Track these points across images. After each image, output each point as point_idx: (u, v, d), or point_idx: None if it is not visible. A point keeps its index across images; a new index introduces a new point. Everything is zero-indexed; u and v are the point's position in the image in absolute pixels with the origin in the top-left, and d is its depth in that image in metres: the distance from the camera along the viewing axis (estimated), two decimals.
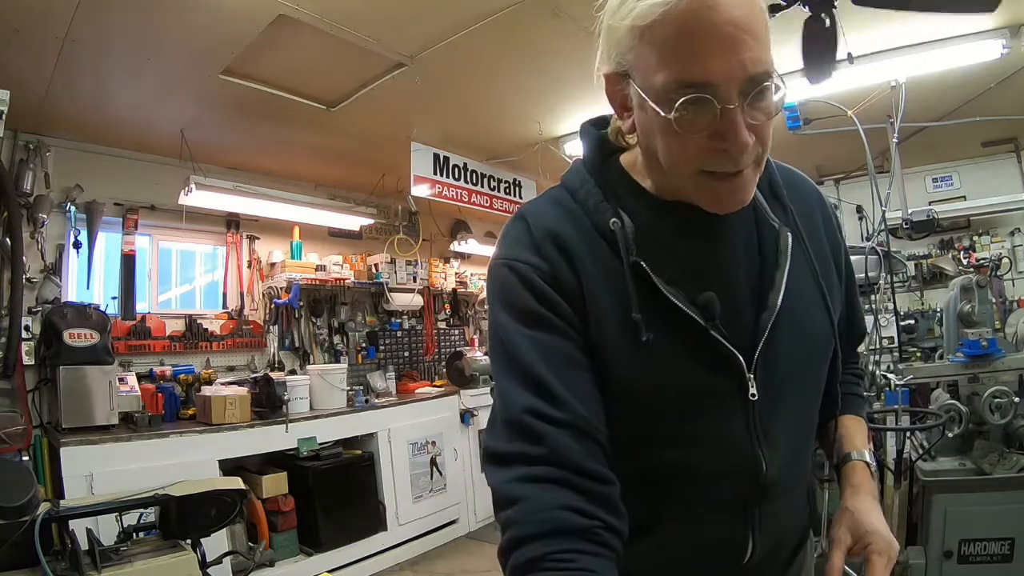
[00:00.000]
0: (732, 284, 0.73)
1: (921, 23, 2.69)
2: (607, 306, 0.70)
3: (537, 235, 0.73)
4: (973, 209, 4.47)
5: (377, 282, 4.56)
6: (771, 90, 0.62)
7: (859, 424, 0.92)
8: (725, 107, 0.60)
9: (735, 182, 0.66)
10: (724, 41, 0.58)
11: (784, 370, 0.74)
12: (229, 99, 3.03)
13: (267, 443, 3.28)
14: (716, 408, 0.72)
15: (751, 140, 0.63)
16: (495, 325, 0.74)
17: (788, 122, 2.86)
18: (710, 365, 0.71)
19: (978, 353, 2.20)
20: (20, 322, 2.84)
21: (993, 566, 1.98)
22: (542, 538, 0.59)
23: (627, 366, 0.69)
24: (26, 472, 1.68)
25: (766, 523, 0.77)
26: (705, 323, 0.69)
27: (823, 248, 0.82)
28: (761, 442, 0.73)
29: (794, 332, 0.75)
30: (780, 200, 0.79)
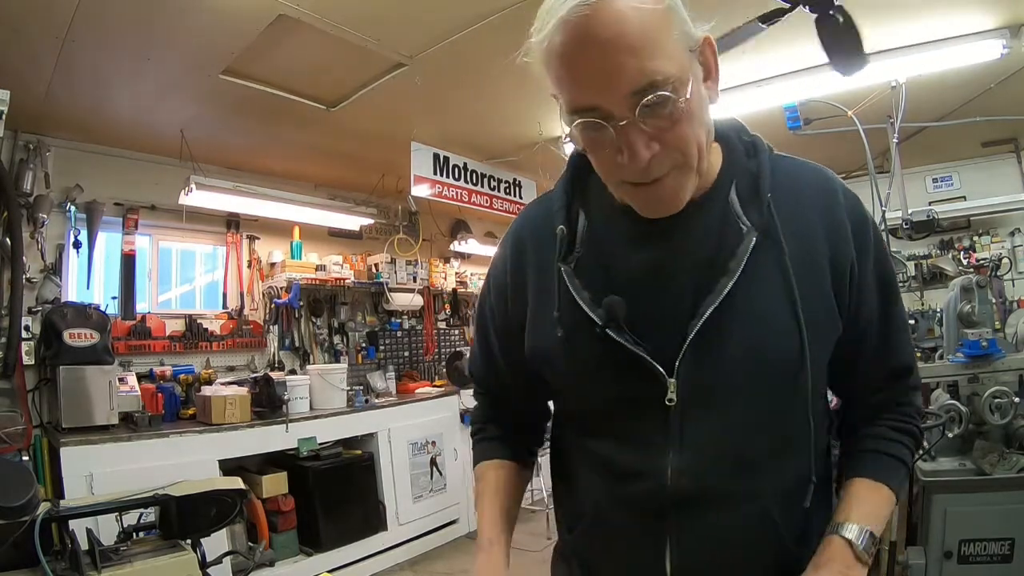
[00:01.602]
0: (671, 287, 0.74)
1: (921, 23, 2.69)
2: (544, 303, 0.80)
3: (512, 230, 0.90)
4: (973, 209, 4.47)
5: (377, 282, 4.56)
6: (666, 98, 0.62)
7: (871, 491, 0.77)
8: (617, 124, 0.63)
9: (656, 190, 0.69)
10: (595, 65, 0.61)
11: (719, 379, 0.72)
12: (229, 99, 3.03)
13: (267, 443, 3.28)
14: (630, 408, 0.75)
15: (648, 152, 0.64)
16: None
17: (788, 122, 2.86)
18: (623, 368, 0.73)
19: (978, 353, 2.20)
20: (20, 322, 2.84)
21: (993, 566, 1.98)
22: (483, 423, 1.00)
23: (554, 358, 0.80)
24: (26, 472, 1.68)
25: (687, 542, 0.74)
26: (604, 325, 0.72)
27: (815, 256, 0.74)
28: (675, 448, 0.73)
29: (740, 343, 0.71)
30: (759, 202, 0.74)
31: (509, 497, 0.93)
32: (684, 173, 0.68)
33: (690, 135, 0.66)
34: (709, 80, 0.70)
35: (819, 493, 0.77)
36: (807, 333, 0.71)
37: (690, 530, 0.74)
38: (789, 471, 0.75)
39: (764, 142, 0.80)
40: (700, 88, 0.67)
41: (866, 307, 0.77)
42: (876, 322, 0.78)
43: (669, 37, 0.62)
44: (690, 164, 0.68)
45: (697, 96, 0.66)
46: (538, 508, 4.20)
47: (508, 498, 0.93)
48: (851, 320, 0.77)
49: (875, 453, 0.79)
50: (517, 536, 0.95)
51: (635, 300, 0.73)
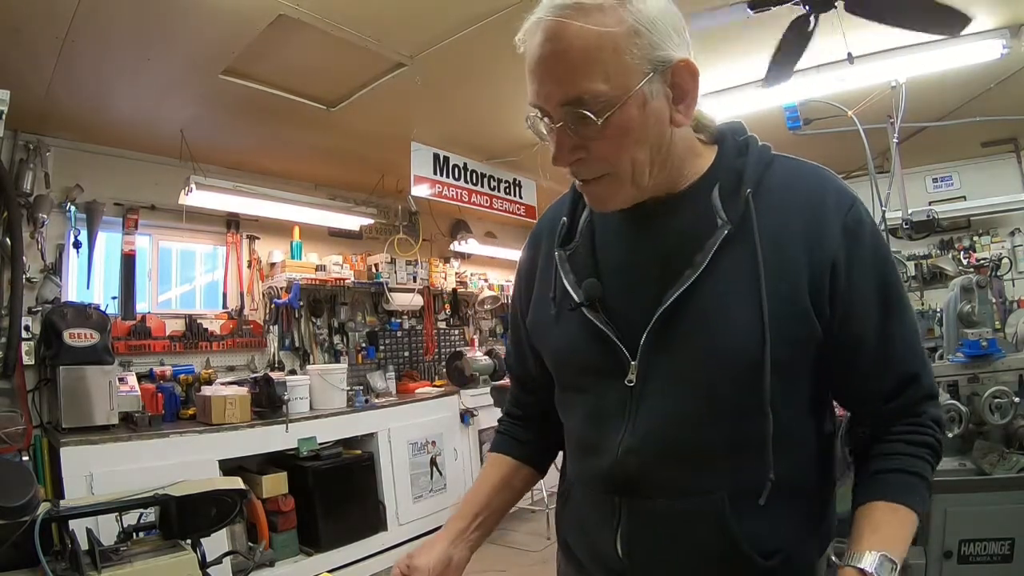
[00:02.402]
0: (641, 275, 0.79)
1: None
2: (545, 285, 0.89)
3: (536, 226, 0.98)
4: (973, 209, 4.47)
5: (377, 282, 4.56)
6: (585, 115, 0.68)
7: (888, 514, 0.72)
8: (552, 126, 0.72)
9: (591, 188, 0.77)
10: (544, 72, 0.69)
11: (673, 367, 0.75)
12: (229, 99, 3.03)
13: (267, 443, 3.28)
14: (598, 384, 0.81)
15: (572, 156, 0.72)
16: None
17: (788, 122, 2.86)
18: (595, 345, 0.79)
19: (978, 353, 2.20)
20: (20, 322, 2.84)
21: (993, 566, 1.98)
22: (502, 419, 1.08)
23: (546, 336, 0.89)
24: (26, 472, 1.68)
25: (633, 522, 0.78)
26: (579, 304, 0.80)
27: (791, 256, 0.73)
28: (627, 428, 0.77)
29: (698, 332, 0.74)
30: (738, 198, 0.75)
31: (494, 492, 0.98)
32: (615, 182, 0.74)
33: (618, 151, 0.71)
34: (681, 103, 0.72)
35: (797, 499, 0.76)
36: (770, 332, 0.71)
37: (637, 512, 0.78)
38: (743, 468, 0.74)
39: (759, 142, 0.82)
40: (656, 108, 0.70)
41: (859, 318, 0.75)
42: (874, 333, 0.76)
43: (616, 59, 0.66)
44: (619, 176, 0.73)
45: (641, 118, 0.69)
46: (538, 508, 4.20)
47: (492, 493, 0.98)
48: (842, 328, 0.75)
49: (890, 473, 0.75)
50: (517, 536, 0.97)
51: (613, 286, 0.80)
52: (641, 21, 0.67)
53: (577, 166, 0.74)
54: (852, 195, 0.78)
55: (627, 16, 0.66)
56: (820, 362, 0.77)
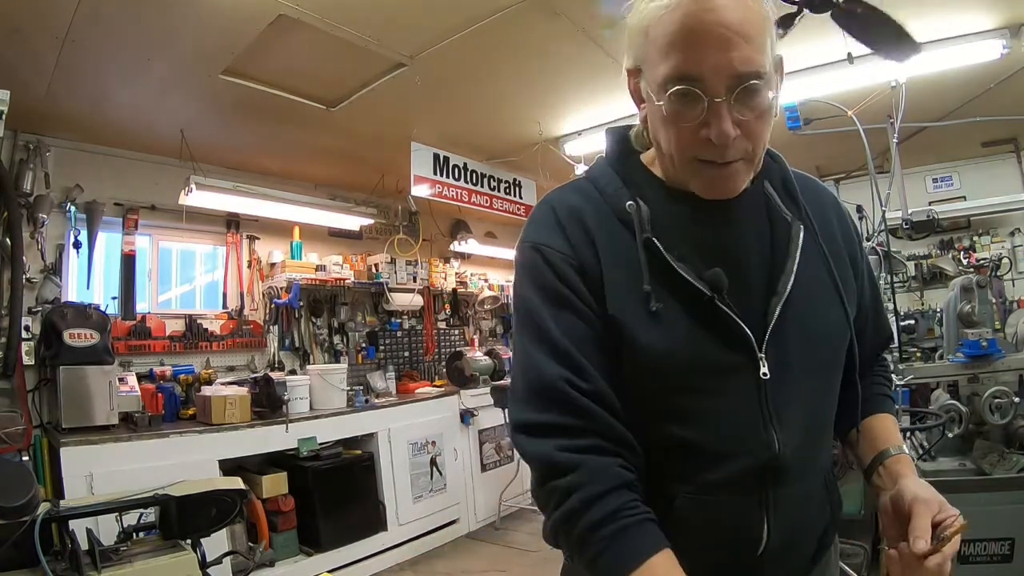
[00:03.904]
0: (743, 267, 0.77)
1: (921, 23, 2.69)
2: (622, 281, 0.75)
3: (562, 216, 0.79)
4: (973, 209, 4.47)
5: (377, 282, 4.56)
6: (760, 90, 0.68)
7: (892, 422, 0.92)
8: (712, 100, 0.67)
9: (725, 171, 0.73)
10: (715, 40, 0.65)
11: (796, 354, 0.77)
12: (229, 99, 3.03)
13: (267, 443, 3.28)
14: (727, 383, 0.74)
15: (734, 132, 0.69)
16: (523, 299, 0.79)
17: (788, 122, 2.86)
18: (720, 339, 0.74)
19: (978, 353, 2.20)
20: (20, 322, 2.84)
21: (993, 566, 1.98)
22: (615, 491, 0.68)
23: (641, 336, 0.73)
24: (26, 472, 1.68)
25: (781, 509, 0.76)
26: (712, 294, 0.73)
27: (838, 247, 0.85)
28: (773, 421, 0.74)
29: (806, 320, 0.78)
30: (793, 197, 0.83)
31: None
32: (748, 164, 0.75)
33: (764, 132, 0.72)
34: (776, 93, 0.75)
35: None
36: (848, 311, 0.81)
37: (780, 501, 0.76)
38: (831, 439, 0.87)
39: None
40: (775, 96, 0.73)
41: (866, 292, 0.91)
42: (870, 308, 0.92)
43: (768, 40, 0.70)
44: (755, 158, 0.75)
45: (775, 102, 0.73)
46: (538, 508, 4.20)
47: None
48: (858, 304, 0.88)
49: (881, 396, 0.94)
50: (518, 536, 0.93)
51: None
52: (768, 9, 0.70)
53: (728, 146, 0.70)
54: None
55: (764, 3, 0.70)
56: None
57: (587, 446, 0.70)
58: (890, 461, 0.83)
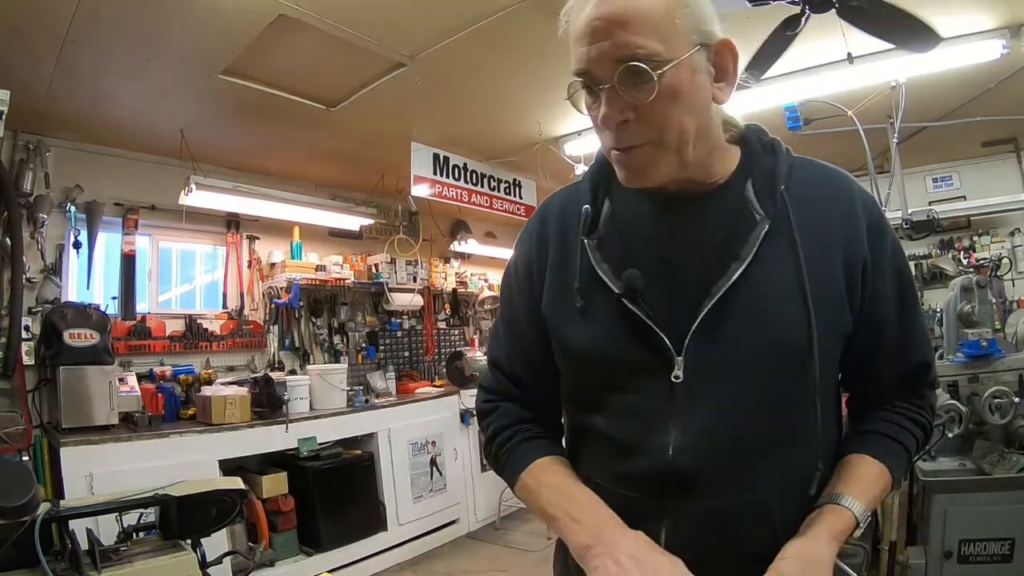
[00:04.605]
0: (684, 267, 0.77)
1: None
2: (563, 281, 0.83)
3: (536, 219, 0.92)
4: (973, 209, 4.46)
5: (377, 282, 4.56)
6: (641, 72, 0.67)
7: (870, 468, 0.77)
8: (598, 88, 0.71)
9: (628, 158, 0.74)
10: (592, 32, 0.69)
11: (724, 361, 0.74)
12: (229, 99, 3.03)
13: (267, 443, 3.28)
14: (640, 383, 0.77)
15: (621, 117, 0.70)
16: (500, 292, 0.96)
17: (788, 122, 2.86)
18: (634, 339, 0.76)
19: (978, 353, 2.20)
20: (20, 322, 2.84)
21: (993, 566, 1.98)
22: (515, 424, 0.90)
23: (568, 333, 0.82)
24: (26, 472, 1.68)
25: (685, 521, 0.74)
26: (621, 294, 0.76)
27: (827, 251, 0.77)
28: (674, 426, 0.75)
29: (749, 325, 0.74)
30: (773, 194, 0.77)
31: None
32: (659, 151, 0.72)
33: (668, 114, 0.70)
34: (723, 82, 0.75)
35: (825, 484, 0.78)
36: (816, 323, 0.73)
37: (686, 511, 0.74)
38: (792, 461, 0.76)
39: (783, 144, 0.84)
40: (701, 82, 0.72)
41: (882, 307, 0.79)
42: (894, 322, 0.80)
43: (669, 23, 0.69)
44: (666, 144, 0.72)
45: (691, 84, 0.70)
46: None
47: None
48: (866, 319, 0.78)
49: (889, 438, 0.80)
50: (517, 536, 0.93)
51: (650, 278, 0.76)
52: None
53: (622, 130, 0.72)
54: (872, 196, 0.83)
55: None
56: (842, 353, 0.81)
57: (501, 401, 0.92)
58: (820, 510, 0.74)
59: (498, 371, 0.93)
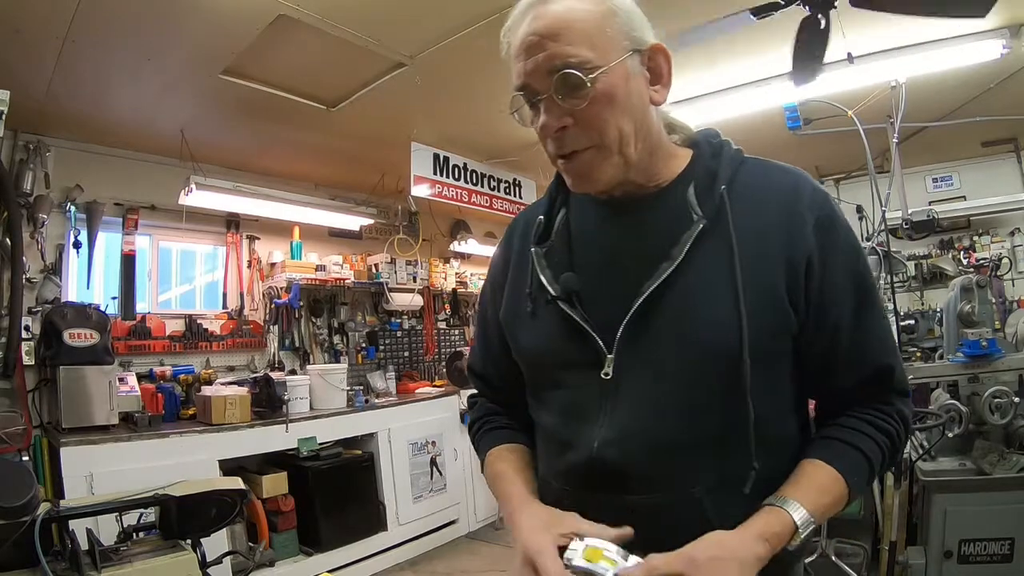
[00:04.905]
0: (622, 269, 0.80)
1: (921, 23, 2.69)
2: (519, 282, 0.89)
3: (507, 230, 0.99)
4: (973, 209, 4.47)
5: (377, 282, 4.56)
6: (572, 78, 0.71)
7: (821, 474, 0.75)
8: (537, 100, 0.75)
9: (572, 164, 0.77)
10: (528, 48, 0.73)
11: (652, 359, 0.76)
12: (229, 99, 3.03)
13: (267, 443, 3.28)
14: (574, 380, 0.81)
15: (558, 124, 0.74)
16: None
17: (788, 122, 2.86)
18: (572, 339, 0.80)
19: (978, 353, 2.20)
20: (20, 322, 2.84)
21: (993, 566, 1.98)
22: (484, 416, 1.01)
23: (521, 336, 0.88)
24: (26, 472, 1.68)
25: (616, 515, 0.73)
26: (556, 297, 0.80)
27: (767, 251, 0.75)
28: (603, 421, 0.77)
29: (676, 324, 0.75)
30: (713, 195, 0.78)
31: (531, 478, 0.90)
32: (601, 154, 0.75)
33: (606, 117, 0.73)
34: (659, 84, 0.79)
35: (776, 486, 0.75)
36: (748, 323, 0.72)
37: (618, 506, 0.75)
38: (725, 460, 0.75)
39: (732, 146, 0.85)
40: (636, 85, 0.76)
41: (835, 308, 0.77)
42: (849, 324, 0.78)
43: (599, 32, 0.73)
44: (608, 146, 0.75)
45: (625, 88, 0.74)
46: None
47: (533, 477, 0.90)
48: (817, 320, 0.77)
49: (847, 445, 0.77)
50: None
51: (590, 280, 0.81)
52: (617, 5, 0.75)
53: (563, 136, 0.75)
54: (825, 192, 0.81)
55: (605, 0, 0.74)
56: (799, 357, 0.79)
57: (478, 397, 1.05)
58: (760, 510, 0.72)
59: (473, 375, 1.04)
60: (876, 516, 2.39)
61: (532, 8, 0.74)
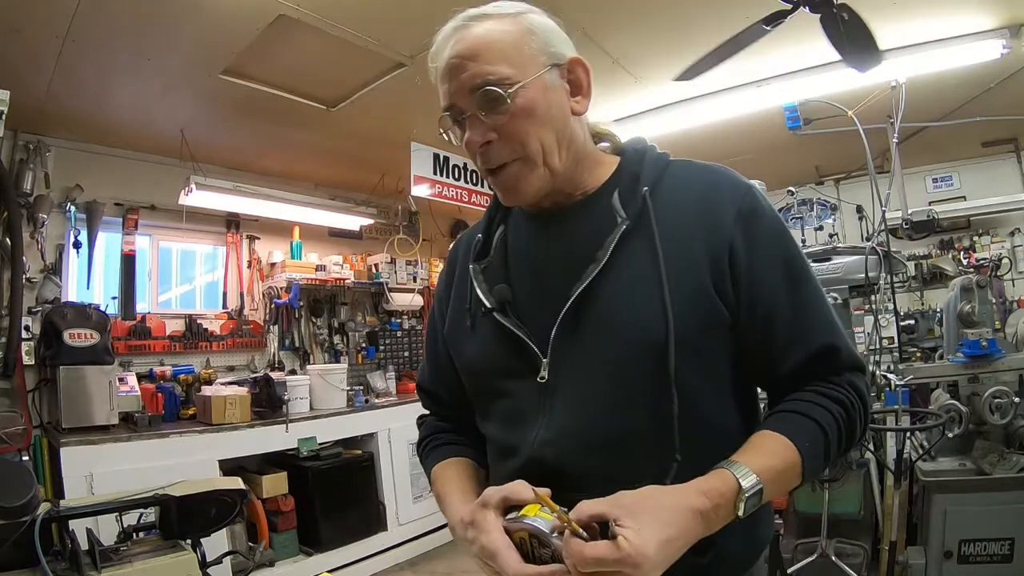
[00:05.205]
0: (552, 276, 0.82)
1: (921, 23, 2.69)
2: (460, 303, 0.91)
3: (451, 251, 1.02)
4: (973, 209, 4.47)
5: (377, 282, 4.56)
6: (493, 94, 0.75)
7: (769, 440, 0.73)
8: (463, 118, 0.79)
9: (499, 177, 0.80)
10: (451, 70, 0.78)
11: (583, 360, 0.77)
12: (229, 99, 3.03)
13: (267, 443, 3.28)
14: (515, 387, 0.83)
15: (482, 139, 0.77)
16: None
17: (788, 122, 2.86)
18: (509, 348, 0.82)
19: (978, 353, 2.20)
20: (20, 322, 2.84)
21: (993, 566, 1.98)
22: (431, 435, 1.02)
23: (463, 349, 0.90)
24: (26, 472, 1.68)
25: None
26: (491, 308, 0.83)
27: (690, 247, 0.77)
28: (541, 424, 0.79)
29: (604, 325, 0.77)
30: (635, 198, 0.80)
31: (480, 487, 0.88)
32: (527, 166, 0.78)
33: (527, 129, 0.76)
34: (579, 95, 0.82)
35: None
36: (674, 319, 0.73)
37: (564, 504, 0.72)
38: (657, 456, 0.74)
39: (656, 151, 0.87)
40: (556, 98, 0.79)
41: (766, 294, 0.77)
42: (785, 307, 0.77)
43: (517, 50, 0.77)
44: (531, 158, 0.78)
45: (545, 101, 0.77)
46: None
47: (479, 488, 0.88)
48: (749, 308, 0.77)
49: (792, 413, 0.76)
50: None
51: (524, 290, 0.84)
52: (534, 24, 0.79)
53: (488, 151, 0.78)
54: (747, 184, 0.82)
55: (522, 20, 0.79)
56: (738, 347, 0.79)
57: (426, 417, 1.08)
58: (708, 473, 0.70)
59: (423, 392, 1.07)
60: (876, 516, 2.39)
61: (455, 32, 0.78)
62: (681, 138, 3.57)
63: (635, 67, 2.99)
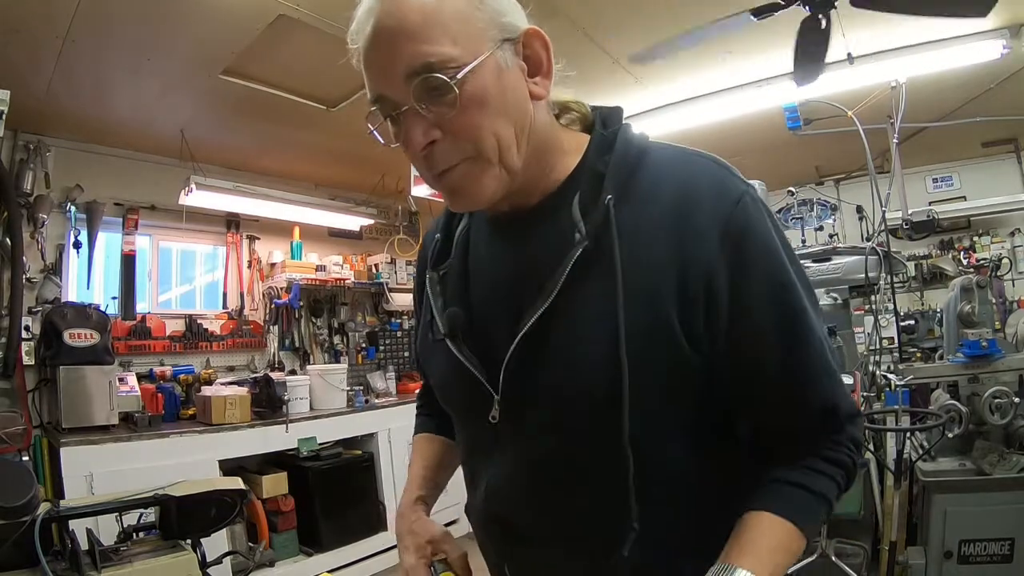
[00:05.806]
0: (501, 301, 0.70)
1: (921, 23, 2.69)
2: (426, 311, 0.79)
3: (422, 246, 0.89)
4: (973, 209, 4.47)
5: (377, 282, 4.56)
6: (440, 82, 0.58)
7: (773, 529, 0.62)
8: (398, 113, 0.62)
9: (446, 182, 0.65)
10: (378, 52, 0.61)
11: (528, 404, 0.67)
12: (229, 99, 3.03)
13: (267, 443, 3.28)
14: (470, 421, 0.77)
15: (425, 139, 0.61)
16: None
17: (788, 122, 2.86)
18: (464, 379, 0.70)
19: (978, 353, 2.20)
20: (20, 322, 2.84)
21: (993, 566, 1.98)
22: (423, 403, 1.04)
23: (431, 366, 0.81)
24: (26, 472, 1.68)
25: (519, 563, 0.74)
26: (443, 336, 0.71)
27: (656, 276, 0.62)
28: (492, 469, 0.74)
29: (551, 373, 0.65)
30: (598, 207, 0.64)
31: (439, 467, 0.93)
32: (479, 165, 0.63)
33: (480, 124, 0.61)
34: (538, 75, 0.66)
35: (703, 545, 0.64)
36: (630, 364, 0.60)
37: (520, 554, 0.74)
38: (610, 520, 0.65)
39: (628, 136, 0.69)
40: (512, 80, 0.63)
41: (753, 339, 0.63)
42: (777, 359, 0.64)
43: (462, 22, 0.60)
44: (485, 156, 0.62)
45: (499, 86, 0.61)
46: None
47: (438, 467, 0.93)
48: (733, 357, 0.64)
49: (781, 485, 0.64)
50: None
51: (480, 311, 0.72)
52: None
53: (432, 152, 0.63)
54: (739, 189, 0.64)
55: None
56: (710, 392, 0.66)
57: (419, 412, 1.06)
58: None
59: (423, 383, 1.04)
60: (876, 516, 2.39)
61: (380, 2, 0.60)
62: (681, 138, 3.55)
63: (635, 67, 2.99)
